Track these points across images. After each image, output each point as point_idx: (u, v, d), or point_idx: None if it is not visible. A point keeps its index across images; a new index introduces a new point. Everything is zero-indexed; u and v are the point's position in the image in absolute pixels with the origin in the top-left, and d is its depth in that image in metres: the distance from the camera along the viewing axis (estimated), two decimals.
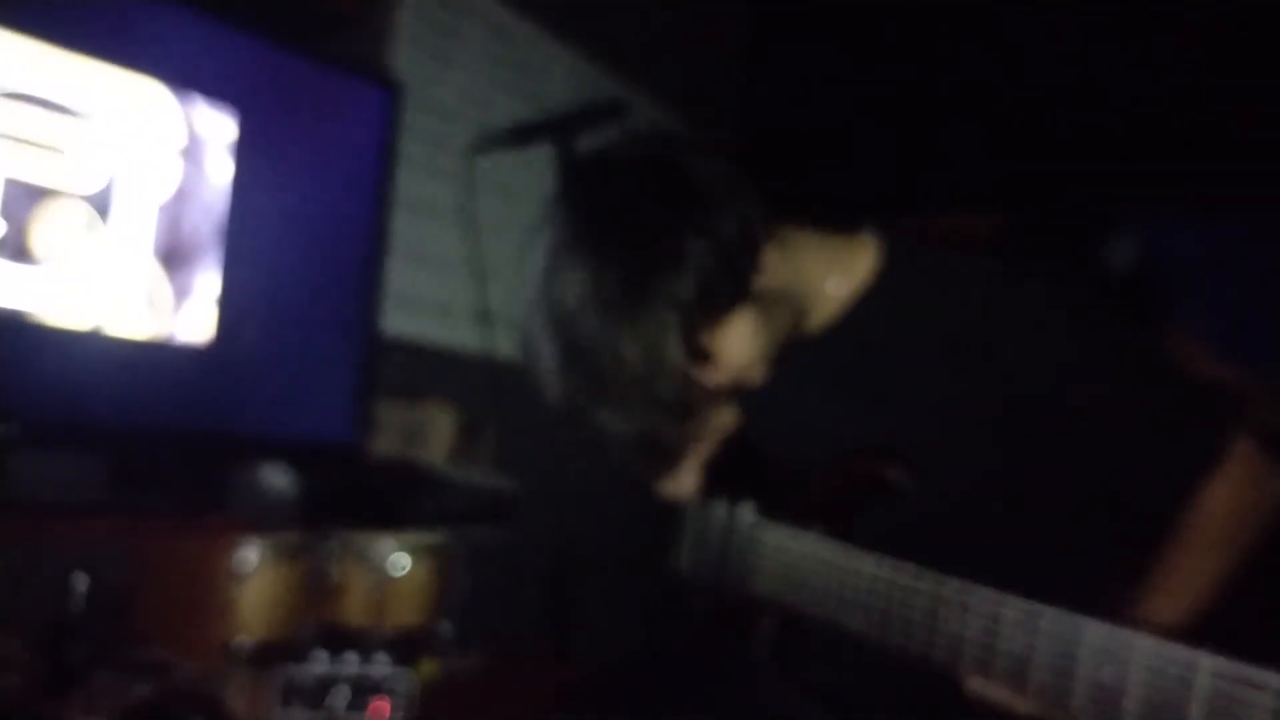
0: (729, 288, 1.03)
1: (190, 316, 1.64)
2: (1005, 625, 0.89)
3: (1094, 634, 0.81)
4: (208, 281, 1.66)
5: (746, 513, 1.28)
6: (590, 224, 1.03)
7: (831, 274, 1.17)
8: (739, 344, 1.07)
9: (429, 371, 2.42)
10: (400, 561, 1.72)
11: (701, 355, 1.02)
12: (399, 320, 2.36)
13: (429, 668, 1.59)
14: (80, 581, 1.31)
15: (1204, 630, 1.04)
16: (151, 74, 1.57)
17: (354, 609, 1.80)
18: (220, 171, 1.67)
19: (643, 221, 1.03)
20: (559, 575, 2.05)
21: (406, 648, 1.51)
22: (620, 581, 2.58)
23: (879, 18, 3.51)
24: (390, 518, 1.89)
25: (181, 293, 1.62)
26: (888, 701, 1.21)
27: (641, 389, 0.99)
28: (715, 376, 1.06)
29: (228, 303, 1.68)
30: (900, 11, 3.46)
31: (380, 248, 1.96)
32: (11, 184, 1.42)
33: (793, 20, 3.78)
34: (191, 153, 1.63)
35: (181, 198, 1.61)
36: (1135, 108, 3.08)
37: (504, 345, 2.41)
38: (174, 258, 1.61)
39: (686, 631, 1.37)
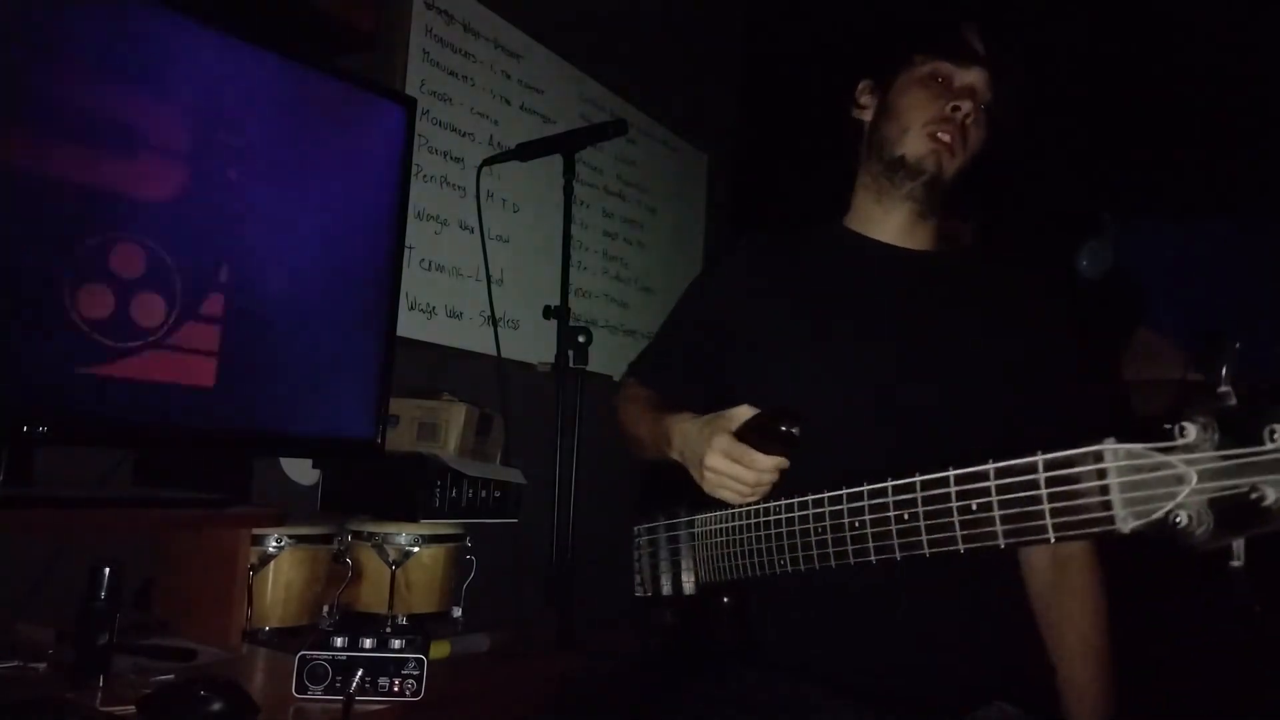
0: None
1: (213, 318, 1.68)
2: (891, 504, 0.99)
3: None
4: (232, 285, 1.70)
5: (680, 517, 1.34)
6: None
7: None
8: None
9: (442, 371, 2.46)
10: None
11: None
12: (415, 322, 2.41)
13: (440, 651, 1.62)
14: (105, 573, 1.34)
15: None
16: (176, 92, 1.62)
17: (370, 596, 1.86)
18: (243, 183, 1.71)
19: None
20: (562, 564, 2.07)
21: (420, 632, 1.54)
22: (620, 572, 2.60)
23: (867, 36, 3.58)
24: (405, 509, 1.94)
25: (205, 294, 1.66)
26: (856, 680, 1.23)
27: None
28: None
29: (251, 305, 1.72)
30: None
31: (397, 255, 2.00)
32: None
33: (786, 39, 3.87)
34: (213, 164, 1.67)
35: (205, 207, 1.66)
36: (1108, 114, 3.10)
37: (511, 345, 2.44)
38: (198, 262, 1.65)
39: (659, 642, 1.42)
